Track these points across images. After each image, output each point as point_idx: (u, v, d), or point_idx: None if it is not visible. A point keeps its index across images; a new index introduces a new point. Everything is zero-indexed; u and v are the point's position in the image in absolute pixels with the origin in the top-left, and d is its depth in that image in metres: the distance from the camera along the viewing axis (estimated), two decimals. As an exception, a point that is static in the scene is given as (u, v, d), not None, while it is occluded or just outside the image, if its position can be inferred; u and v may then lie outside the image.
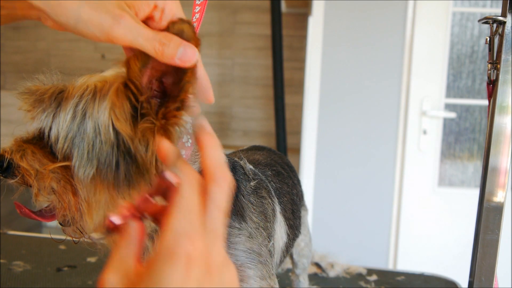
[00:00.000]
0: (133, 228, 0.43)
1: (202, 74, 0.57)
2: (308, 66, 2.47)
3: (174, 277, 0.38)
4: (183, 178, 0.42)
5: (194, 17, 0.67)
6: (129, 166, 0.55)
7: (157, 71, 0.54)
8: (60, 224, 0.60)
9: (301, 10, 3.38)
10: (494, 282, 0.81)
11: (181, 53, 0.50)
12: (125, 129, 0.55)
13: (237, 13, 3.60)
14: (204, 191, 0.43)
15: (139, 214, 0.44)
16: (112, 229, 0.45)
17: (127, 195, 0.56)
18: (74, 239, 0.61)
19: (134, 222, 0.44)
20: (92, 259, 1.31)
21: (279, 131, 2.99)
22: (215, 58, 3.64)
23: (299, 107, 3.18)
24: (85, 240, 0.61)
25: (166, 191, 0.43)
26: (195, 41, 0.52)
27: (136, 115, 0.55)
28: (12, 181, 0.57)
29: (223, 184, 0.43)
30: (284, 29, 3.06)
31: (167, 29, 0.53)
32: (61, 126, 0.55)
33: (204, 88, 0.58)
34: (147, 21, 0.55)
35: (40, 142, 0.57)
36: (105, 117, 0.54)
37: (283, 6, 3.19)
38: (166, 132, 0.56)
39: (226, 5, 3.58)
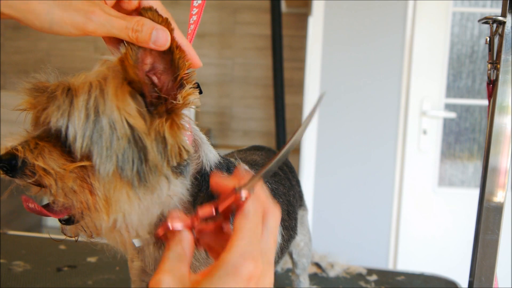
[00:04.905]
0: (186, 239, 0.45)
1: (184, 43, 0.59)
2: (308, 66, 2.47)
3: None
4: (253, 202, 0.45)
5: (192, 18, 0.67)
6: (142, 164, 0.55)
7: (149, 62, 0.56)
8: (61, 222, 0.60)
9: (301, 10, 3.38)
10: (494, 282, 0.81)
11: (154, 38, 0.53)
12: (139, 125, 0.55)
13: (237, 13, 3.60)
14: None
15: (192, 227, 0.46)
16: (162, 236, 0.47)
17: (142, 194, 0.56)
18: (74, 238, 0.61)
19: (188, 232, 0.46)
20: (92, 259, 1.31)
21: (279, 131, 2.99)
22: (215, 58, 3.64)
23: (299, 107, 3.18)
24: (92, 240, 0.61)
25: (228, 211, 0.45)
26: (165, 24, 0.55)
27: (142, 112, 0.56)
28: (25, 181, 0.55)
29: (276, 214, 0.47)
30: (284, 29, 3.05)
31: (140, 14, 0.55)
32: (77, 124, 0.54)
33: (191, 56, 0.60)
34: (119, 2, 0.57)
35: (54, 141, 0.56)
36: (117, 114, 0.54)
37: (283, 6, 3.19)
38: (175, 124, 0.57)
39: (226, 5, 3.58)
